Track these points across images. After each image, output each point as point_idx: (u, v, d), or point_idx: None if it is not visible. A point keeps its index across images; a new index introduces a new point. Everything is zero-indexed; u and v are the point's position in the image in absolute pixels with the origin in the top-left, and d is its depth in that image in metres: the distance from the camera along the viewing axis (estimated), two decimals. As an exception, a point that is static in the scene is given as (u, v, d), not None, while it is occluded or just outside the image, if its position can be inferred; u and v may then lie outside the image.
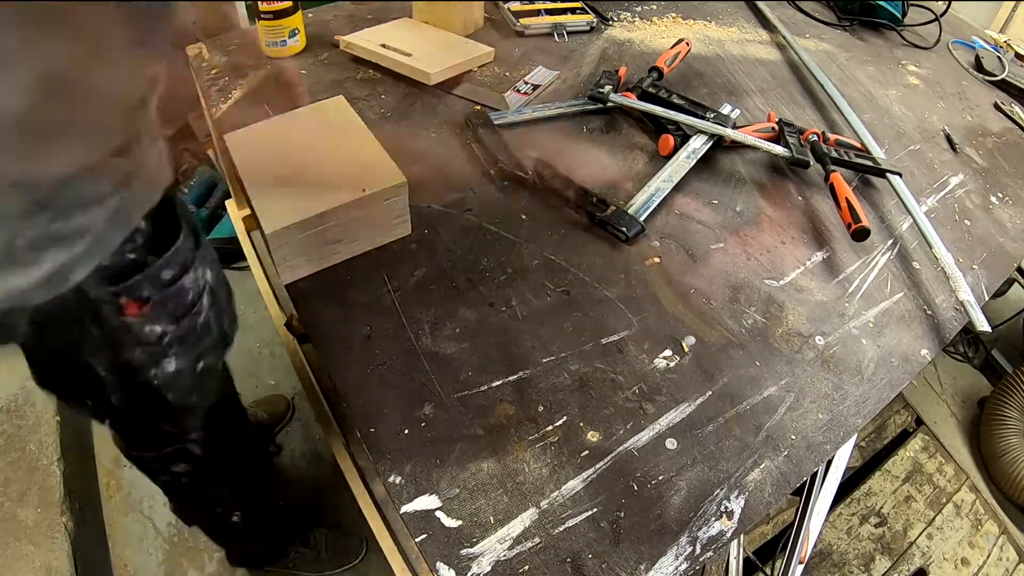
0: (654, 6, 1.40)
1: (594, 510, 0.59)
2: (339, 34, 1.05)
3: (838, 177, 0.95)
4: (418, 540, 0.55)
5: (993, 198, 1.12)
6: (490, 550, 0.55)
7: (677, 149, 0.97)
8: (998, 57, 1.54)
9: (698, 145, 0.97)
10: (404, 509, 0.56)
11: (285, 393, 1.55)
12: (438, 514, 0.56)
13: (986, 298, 0.91)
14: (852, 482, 1.56)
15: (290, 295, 0.72)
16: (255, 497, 1.03)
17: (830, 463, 1.03)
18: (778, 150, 0.99)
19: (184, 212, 0.60)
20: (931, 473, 1.62)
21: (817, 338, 0.79)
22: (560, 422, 0.65)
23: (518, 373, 0.68)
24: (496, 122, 0.95)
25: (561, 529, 0.57)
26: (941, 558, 1.46)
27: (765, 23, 1.45)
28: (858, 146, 1.09)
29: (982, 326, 0.82)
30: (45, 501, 1.23)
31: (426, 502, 0.57)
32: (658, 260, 0.83)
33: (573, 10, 1.28)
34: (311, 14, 1.13)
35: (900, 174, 1.02)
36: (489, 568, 0.54)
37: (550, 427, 0.64)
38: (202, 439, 0.77)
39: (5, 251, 0.42)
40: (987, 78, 1.49)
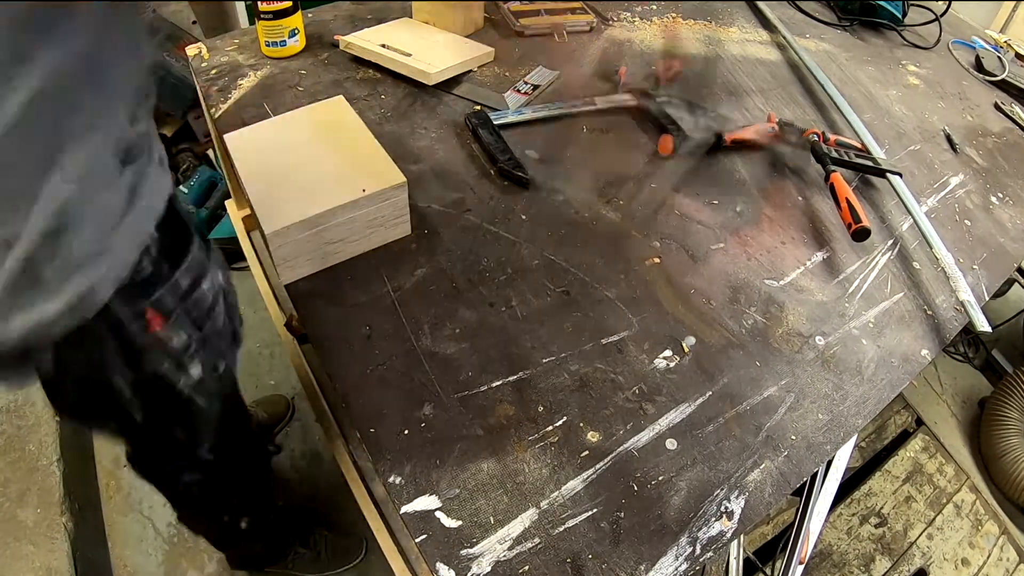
0: (654, 6, 1.40)
1: (594, 510, 0.59)
2: (339, 34, 1.05)
3: (838, 177, 0.95)
4: (418, 540, 0.55)
5: (993, 198, 1.12)
6: (490, 550, 0.55)
7: (677, 149, 0.97)
8: (998, 57, 1.54)
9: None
10: (404, 509, 0.56)
11: (285, 393, 1.55)
12: (438, 514, 0.56)
13: (986, 298, 0.91)
14: (852, 482, 1.55)
15: (290, 295, 0.72)
16: (259, 499, 1.03)
17: (830, 463, 1.03)
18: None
19: (188, 216, 0.59)
20: (931, 473, 1.61)
21: (817, 338, 0.79)
22: (560, 422, 0.65)
23: (518, 373, 0.68)
24: (496, 122, 0.95)
25: (561, 529, 0.57)
26: (941, 558, 1.46)
27: (765, 23, 1.44)
28: (858, 146, 1.09)
29: (983, 326, 0.82)
30: (45, 501, 1.23)
31: (426, 502, 0.57)
32: (658, 260, 0.83)
33: (573, 10, 1.28)
34: (311, 14, 1.13)
35: (900, 174, 1.02)
36: (489, 568, 0.54)
37: (550, 427, 0.64)
38: (213, 445, 0.76)
39: (31, 279, 0.42)
40: (987, 78, 1.49)
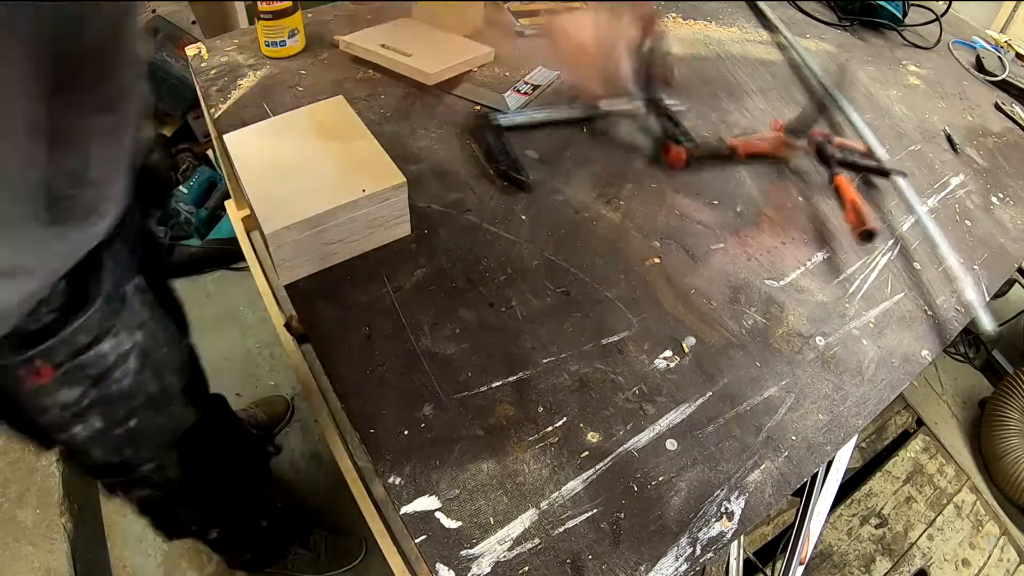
0: (654, 6, 1.39)
1: (594, 511, 0.59)
2: (339, 34, 1.04)
3: (843, 179, 0.95)
4: (418, 541, 0.55)
5: (994, 198, 1.12)
6: (490, 551, 0.55)
7: (689, 161, 0.95)
8: (999, 57, 1.54)
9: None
10: (404, 510, 0.56)
11: (285, 394, 1.55)
12: (438, 515, 0.56)
13: (987, 299, 0.91)
14: (853, 483, 1.55)
15: (289, 295, 0.72)
16: (239, 512, 1.01)
17: (830, 464, 1.03)
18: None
19: (115, 273, 0.58)
20: (932, 474, 1.61)
21: (817, 339, 0.79)
22: (560, 423, 0.65)
23: (518, 374, 0.68)
24: (501, 123, 0.95)
25: (561, 530, 0.57)
26: (942, 559, 1.45)
27: (765, 23, 1.44)
28: (861, 147, 1.08)
29: (988, 327, 0.82)
30: (44, 502, 1.23)
31: (426, 503, 0.57)
32: (658, 260, 0.83)
33: (573, 10, 1.28)
34: (311, 14, 1.12)
35: (905, 175, 1.02)
36: (489, 569, 0.54)
37: (550, 428, 0.64)
38: (159, 471, 0.75)
39: None
40: (988, 78, 1.49)
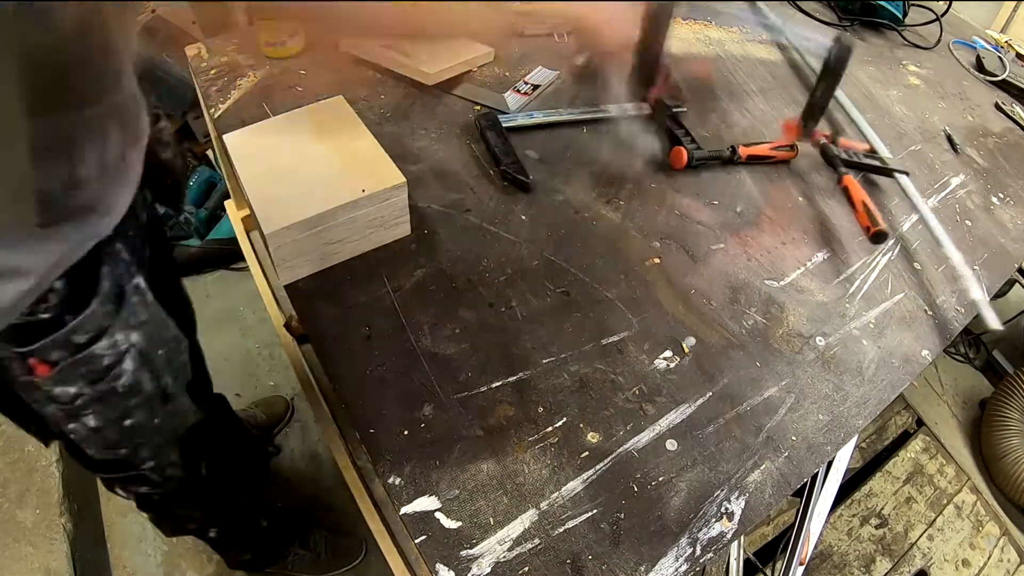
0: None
1: (594, 511, 0.59)
2: (339, 34, 1.05)
3: (851, 180, 0.94)
4: (418, 541, 0.55)
5: (994, 198, 1.11)
6: (490, 551, 0.55)
7: (690, 162, 0.95)
8: (999, 57, 1.54)
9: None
10: (403, 510, 0.56)
11: (284, 394, 1.55)
12: (438, 515, 0.56)
13: (987, 299, 0.91)
14: (853, 483, 1.55)
15: (289, 296, 0.72)
16: (239, 512, 1.01)
17: (831, 464, 1.03)
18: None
19: (114, 273, 0.58)
20: (932, 474, 1.61)
21: (818, 339, 0.79)
22: (560, 423, 0.64)
23: (518, 374, 0.68)
24: (504, 124, 0.95)
25: (561, 530, 0.57)
26: (942, 559, 1.45)
27: (766, 23, 1.44)
28: (863, 147, 1.08)
29: (994, 324, 0.82)
30: (44, 502, 1.23)
31: (425, 503, 0.57)
32: (658, 260, 0.83)
33: (573, 10, 1.28)
34: (311, 14, 1.12)
35: (908, 174, 1.02)
36: (489, 569, 0.54)
37: (550, 428, 0.64)
38: (159, 469, 0.75)
39: None
40: (988, 78, 1.48)
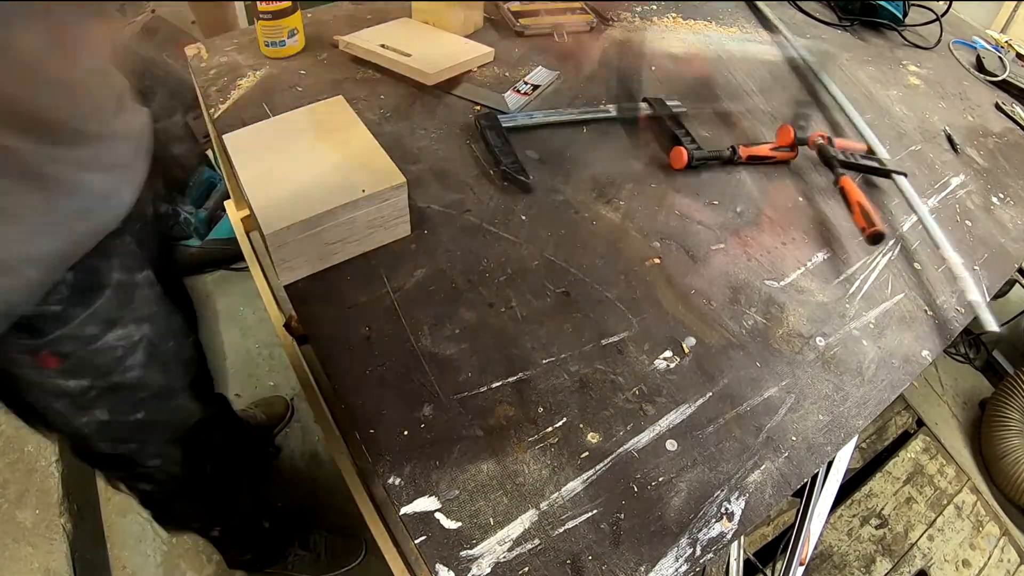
0: (654, 6, 1.40)
1: (594, 511, 0.59)
2: (338, 34, 1.04)
3: (848, 181, 0.94)
4: (417, 542, 0.54)
5: (994, 199, 1.11)
6: (490, 552, 0.55)
7: (690, 163, 0.95)
8: (999, 57, 1.54)
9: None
10: (403, 511, 0.56)
11: (284, 394, 1.55)
12: (437, 515, 0.56)
13: (987, 299, 0.91)
14: (853, 483, 1.55)
15: (289, 296, 0.72)
16: (241, 511, 1.01)
17: (831, 464, 1.03)
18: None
19: (124, 265, 0.58)
20: (932, 474, 1.61)
21: (818, 339, 0.79)
22: (560, 423, 0.64)
23: (518, 374, 0.68)
24: (504, 124, 0.95)
25: (561, 531, 0.57)
26: (942, 560, 1.45)
27: (765, 23, 1.44)
28: (861, 148, 1.08)
29: (991, 326, 0.82)
30: (43, 502, 1.23)
31: (425, 503, 0.57)
32: (658, 261, 0.83)
33: (573, 10, 1.28)
34: (310, 14, 1.12)
35: (906, 175, 1.02)
36: (489, 570, 0.54)
37: (550, 428, 0.64)
38: (163, 466, 0.75)
39: None
40: (988, 78, 1.49)
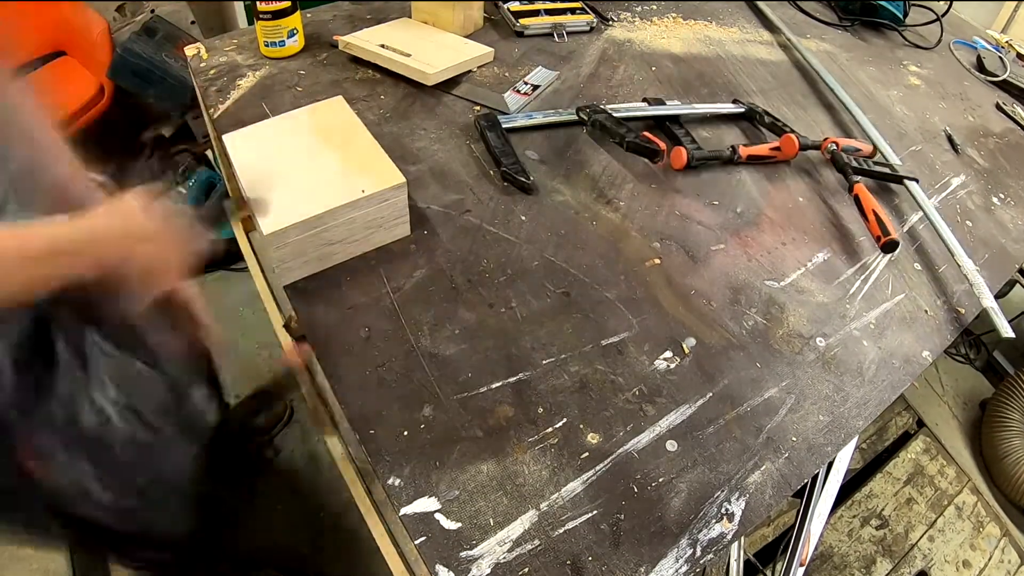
0: (654, 6, 1.40)
1: (594, 512, 0.59)
2: (338, 34, 1.04)
3: (862, 188, 0.94)
4: (417, 542, 0.54)
5: (995, 199, 1.11)
6: (490, 552, 0.55)
7: (690, 163, 0.95)
8: (1000, 57, 1.54)
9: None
10: (403, 511, 0.56)
11: (284, 394, 1.55)
12: (437, 516, 0.56)
13: (998, 305, 0.91)
14: (853, 484, 1.55)
15: (289, 296, 0.72)
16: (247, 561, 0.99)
17: (831, 465, 1.02)
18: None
19: (68, 341, 0.54)
20: (932, 475, 1.61)
21: (818, 339, 0.79)
22: (560, 424, 0.64)
23: (518, 375, 0.67)
24: (504, 125, 0.95)
25: (561, 531, 0.57)
26: (942, 560, 1.45)
27: (766, 23, 1.44)
28: (866, 149, 1.08)
29: (1006, 332, 0.82)
30: (43, 503, 1.23)
31: (425, 504, 0.57)
32: (658, 261, 0.83)
33: (573, 10, 1.28)
34: (310, 14, 1.12)
35: (917, 180, 1.02)
36: (489, 570, 0.54)
37: (550, 429, 0.64)
38: (173, 532, 0.72)
39: None
40: (989, 78, 1.48)
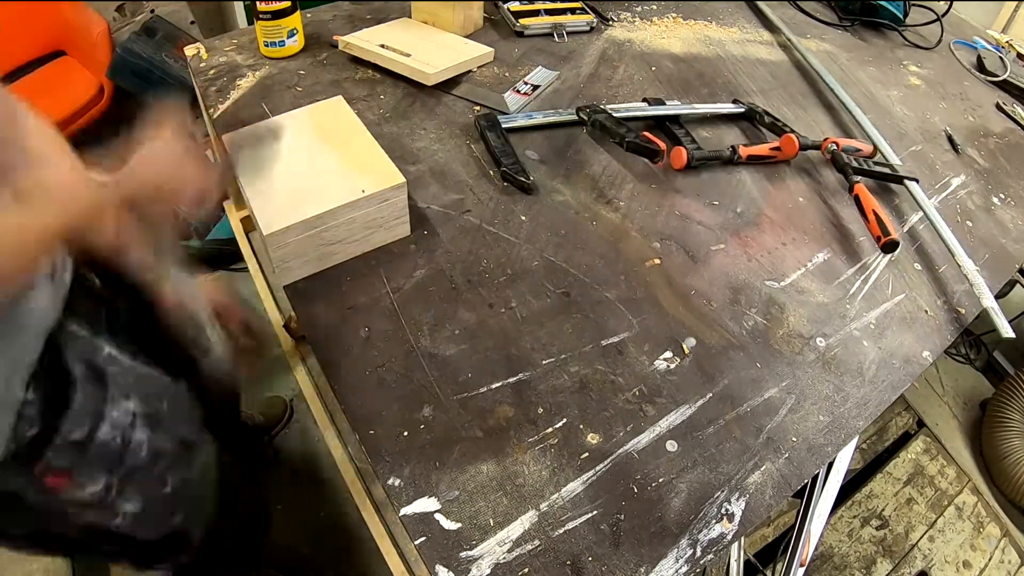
0: (654, 6, 1.39)
1: (594, 512, 0.59)
2: (338, 34, 1.04)
3: (863, 188, 0.94)
4: (417, 543, 0.54)
5: (995, 199, 1.11)
6: (490, 552, 0.55)
7: (690, 163, 0.96)
8: (1000, 57, 1.54)
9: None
10: (403, 511, 0.56)
11: (283, 395, 1.55)
12: (437, 516, 0.56)
13: (999, 306, 0.90)
14: (853, 484, 1.55)
15: (288, 296, 0.72)
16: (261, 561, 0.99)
17: (831, 465, 1.02)
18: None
19: (81, 355, 0.55)
20: (932, 475, 1.61)
21: (818, 340, 0.79)
22: (560, 424, 0.64)
23: (518, 375, 0.67)
24: (504, 125, 0.95)
25: (561, 531, 0.57)
26: (943, 561, 1.45)
27: (766, 23, 1.44)
28: (865, 149, 1.08)
29: (1007, 332, 0.81)
30: (43, 503, 1.22)
31: (425, 504, 0.57)
32: (658, 261, 0.83)
33: (573, 10, 1.28)
34: (309, 14, 1.12)
35: (918, 180, 1.02)
36: (489, 571, 0.53)
37: (550, 429, 0.64)
38: (204, 535, 0.72)
39: None
40: (989, 78, 1.48)
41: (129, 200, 0.54)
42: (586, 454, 0.63)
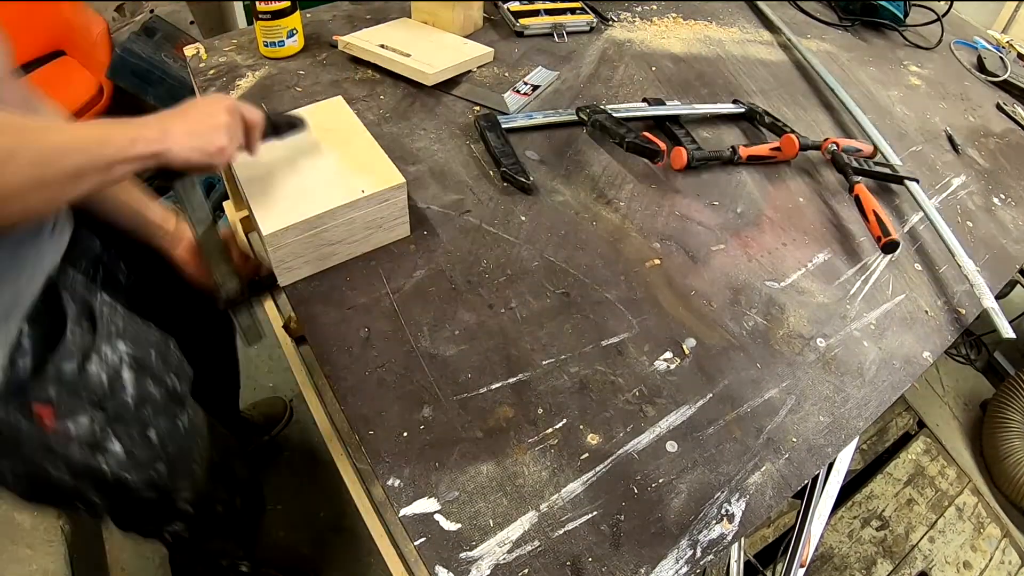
0: (654, 6, 1.39)
1: (594, 513, 0.59)
2: (337, 34, 1.04)
3: (863, 189, 0.94)
4: (417, 543, 0.54)
5: (995, 199, 1.11)
6: (489, 553, 0.54)
7: (690, 163, 0.96)
8: (1000, 57, 1.54)
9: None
10: (403, 512, 0.56)
11: (283, 395, 1.55)
12: (437, 517, 0.56)
13: (999, 307, 0.90)
14: (854, 485, 1.55)
15: (288, 297, 0.72)
16: (256, 541, 1.00)
17: (831, 466, 1.02)
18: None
19: (76, 295, 0.57)
20: (933, 476, 1.61)
21: (818, 340, 0.79)
22: (560, 425, 0.64)
23: (517, 375, 0.67)
24: (504, 125, 0.95)
25: (561, 532, 0.57)
26: (943, 561, 1.45)
27: (766, 23, 1.44)
28: (865, 149, 1.08)
29: (1007, 333, 0.81)
30: (43, 503, 1.22)
31: (425, 505, 0.57)
32: (658, 262, 0.83)
33: (573, 10, 1.28)
34: (309, 14, 1.12)
35: (918, 180, 1.02)
36: (488, 571, 0.53)
37: (550, 430, 0.64)
38: (193, 498, 0.74)
39: None
40: (989, 79, 1.48)
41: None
42: (586, 455, 0.62)
